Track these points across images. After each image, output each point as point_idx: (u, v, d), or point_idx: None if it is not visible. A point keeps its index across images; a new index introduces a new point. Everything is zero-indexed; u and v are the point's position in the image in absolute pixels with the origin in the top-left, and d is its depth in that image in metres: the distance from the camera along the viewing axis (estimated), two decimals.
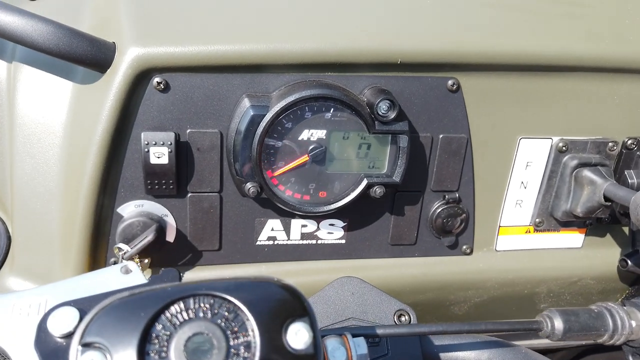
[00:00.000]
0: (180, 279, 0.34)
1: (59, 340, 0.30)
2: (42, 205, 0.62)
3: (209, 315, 0.27)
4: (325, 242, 0.68)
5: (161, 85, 0.57)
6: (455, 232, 0.71)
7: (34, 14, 0.53)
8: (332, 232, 0.68)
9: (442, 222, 0.69)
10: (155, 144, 0.57)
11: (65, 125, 0.60)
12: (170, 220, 0.63)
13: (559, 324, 0.46)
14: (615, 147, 0.70)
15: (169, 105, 0.58)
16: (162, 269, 0.36)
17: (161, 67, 0.56)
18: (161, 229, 0.61)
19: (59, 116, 0.60)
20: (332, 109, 0.59)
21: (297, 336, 0.27)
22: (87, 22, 0.62)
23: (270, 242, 0.67)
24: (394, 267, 0.71)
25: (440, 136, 0.65)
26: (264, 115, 0.57)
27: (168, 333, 0.26)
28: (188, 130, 0.59)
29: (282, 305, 0.28)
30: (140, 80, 0.56)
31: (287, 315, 0.27)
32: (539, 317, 0.48)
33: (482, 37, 0.63)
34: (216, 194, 0.63)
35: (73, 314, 0.31)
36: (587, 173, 0.67)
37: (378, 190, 0.62)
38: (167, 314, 0.27)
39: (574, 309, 0.50)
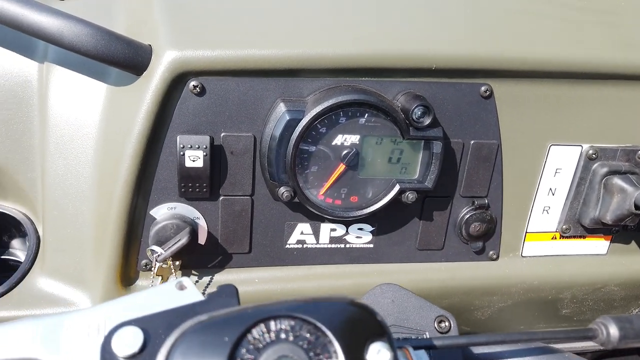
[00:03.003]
0: (237, 294, 0.34)
1: None
2: (74, 207, 0.62)
3: (291, 337, 0.27)
4: (354, 246, 0.68)
5: (197, 88, 0.57)
6: (482, 237, 0.71)
7: (72, 16, 0.53)
8: (360, 237, 0.68)
9: (470, 227, 0.69)
10: (190, 147, 0.57)
11: (99, 126, 0.60)
12: (202, 222, 0.63)
13: (614, 331, 0.47)
14: None
15: (204, 109, 0.58)
16: (219, 285, 0.35)
17: (197, 70, 0.56)
18: (193, 231, 0.61)
19: (92, 117, 0.61)
20: (366, 114, 0.59)
21: (379, 356, 0.27)
22: (119, 24, 0.62)
23: (300, 246, 0.67)
24: (421, 272, 0.71)
25: (472, 142, 0.65)
26: (300, 120, 0.57)
27: (252, 357, 0.26)
28: (222, 134, 0.59)
29: (362, 326, 0.28)
30: (176, 83, 0.56)
31: (367, 335, 0.27)
32: (593, 325, 0.48)
33: (516, 44, 0.63)
34: (248, 197, 0.63)
35: (137, 333, 0.31)
36: (617, 181, 0.67)
37: (410, 196, 0.62)
38: (250, 337, 0.27)
39: (627, 316, 0.50)
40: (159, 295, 0.34)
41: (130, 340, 0.31)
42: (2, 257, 0.74)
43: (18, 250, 0.75)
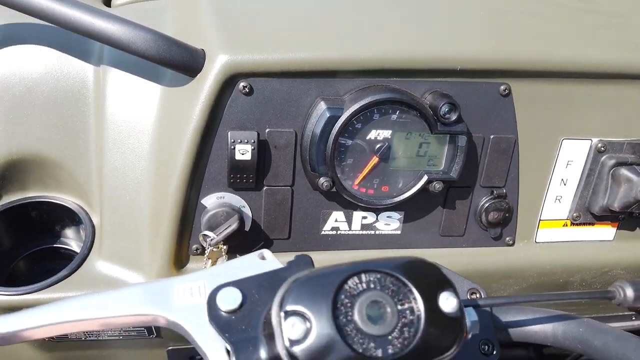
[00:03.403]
0: (312, 262, 0.40)
1: (226, 315, 0.37)
2: (131, 197, 0.68)
3: (379, 287, 0.33)
4: (383, 232, 0.74)
5: (246, 89, 0.63)
6: (500, 224, 0.77)
7: (139, 25, 0.60)
8: (389, 224, 0.74)
9: (489, 215, 0.75)
10: (240, 142, 0.63)
11: (154, 123, 0.66)
12: (247, 210, 0.69)
13: (630, 292, 0.53)
14: None
15: (251, 107, 0.64)
16: (295, 255, 0.42)
17: (246, 72, 0.62)
18: (241, 218, 0.67)
19: (148, 115, 0.67)
20: (397, 111, 0.65)
21: (447, 302, 0.33)
22: (168, 30, 0.68)
23: (334, 232, 0.73)
24: (443, 257, 0.77)
25: (491, 136, 0.71)
26: (339, 117, 0.63)
27: (350, 301, 0.33)
28: (267, 130, 0.65)
29: (433, 278, 0.34)
30: (227, 84, 0.62)
31: (437, 285, 0.34)
32: (611, 287, 0.54)
33: (532, 46, 0.69)
34: (288, 187, 0.69)
35: (235, 293, 0.37)
36: (624, 171, 0.73)
37: (437, 186, 0.68)
38: (346, 287, 0.33)
39: None
40: (245, 264, 0.41)
41: (230, 299, 0.37)
42: (55, 245, 0.80)
43: (69, 239, 0.81)
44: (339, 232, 0.73)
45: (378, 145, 0.66)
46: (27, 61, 0.70)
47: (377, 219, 0.73)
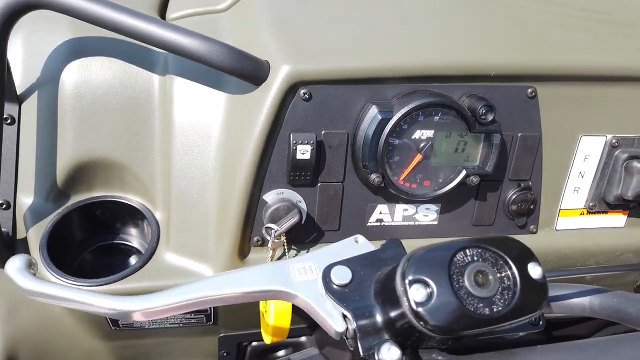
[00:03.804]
0: (402, 244, 0.48)
1: (339, 288, 0.44)
2: (198, 194, 0.75)
3: (481, 259, 0.41)
4: (421, 223, 0.82)
5: (306, 95, 0.70)
6: (525, 214, 0.85)
7: (212, 39, 0.66)
8: (427, 215, 0.82)
9: (516, 205, 0.83)
10: (301, 143, 0.70)
11: (221, 127, 0.73)
12: (303, 205, 0.76)
13: None
14: None
15: (310, 111, 0.71)
16: (386, 239, 0.49)
17: (307, 81, 0.69)
18: (300, 212, 0.74)
19: (214, 120, 0.74)
20: (440, 113, 0.72)
21: (535, 270, 0.41)
22: (228, 42, 0.74)
23: (378, 223, 0.80)
24: None
25: (519, 134, 0.79)
26: (389, 119, 0.70)
27: (459, 271, 0.40)
28: (323, 131, 0.72)
29: (522, 251, 0.42)
30: (290, 91, 0.69)
31: (526, 257, 0.41)
32: None
33: (556, 53, 0.77)
34: (339, 183, 0.76)
35: (346, 270, 0.45)
36: (636, 164, 0.82)
37: (474, 179, 0.76)
38: (455, 259, 0.41)
39: None
40: (344, 247, 0.48)
41: (342, 275, 0.44)
42: (115, 241, 0.87)
43: (129, 236, 0.87)
44: (382, 223, 0.81)
45: (422, 144, 0.74)
46: (98, 72, 0.76)
47: (416, 210, 0.81)
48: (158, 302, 0.44)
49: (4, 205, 0.77)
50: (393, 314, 0.41)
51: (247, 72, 0.68)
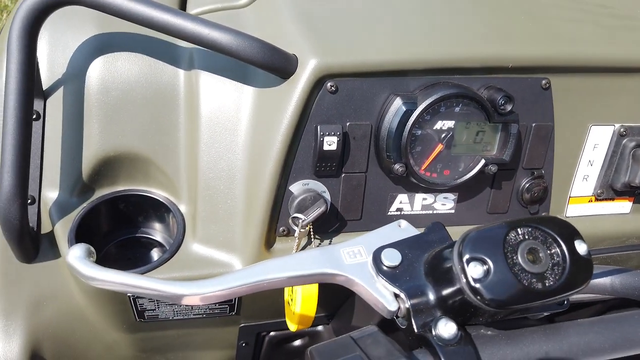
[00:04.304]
0: (445, 228, 0.50)
1: (390, 270, 0.46)
2: (225, 186, 0.77)
3: (532, 237, 0.43)
4: (439, 212, 0.85)
5: (332, 88, 0.72)
6: (537, 202, 0.88)
7: (244, 33, 0.68)
8: (445, 204, 0.84)
9: (529, 194, 0.86)
10: (327, 134, 0.72)
11: (248, 120, 0.75)
12: (327, 195, 0.78)
13: None
14: None
15: (336, 104, 0.73)
16: (431, 223, 0.51)
17: (333, 74, 0.71)
18: (326, 202, 0.76)
19: (242, 113, 0.75)
20: (460, 104, 0.75)
21: (581, 247, 0.43)
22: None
23: (398, 212, 0.83)
24: None
25: (533, 124, 0.82)
26: (413, 110, 0.72)
27: (512, 249, 0.42)
28: (348, 123, 0.74)
29: (569, 229, 0.44)
30: (317, 84, 0.71)
31: (572, 235, 0.44)
32: None
33: (568, 46, 0.80)
34: (363, 174, 0.78)
35: (395, 253, 0.47)
36: None
37: (493, 169, 0.79)
38: (508, 238, 0.43)
39: None
40: (389, 231, 0.50)
41: (392, 257, 0.47)
42: (137, 235, 0.88)
43: (151, 229, 0.88)
44: (402, 212, 0.83)
45: (443, 134, 0.76)
46: (124, 67, 0.77)
47: (435, 199, 0.83)
48: (214, 287, 0.45)
49: (29, 200, 0.78)
50: (446, 291, 0.43)
51: (278, 65, 0.69)
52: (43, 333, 0.81)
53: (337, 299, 0.90)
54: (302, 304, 0.73)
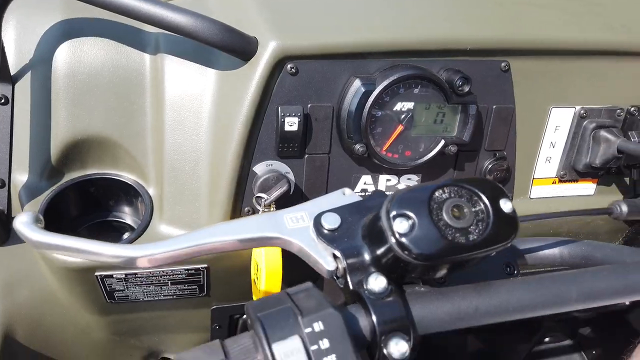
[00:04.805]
0: (386, 195, 0.52)
1: (329, 232, 0.48)
2: (190, 168, 0.78)
3: (457, 195, 0.45)
4: None
5: (292, 70, 0.73)
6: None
7: (206, 16, 0.70)
8: (408, 185, 0.86)
9: (492, 175, 0.88)
10: (288, 115, 0.74)
11: (212, 102, 0.76)
12: (291, 176, 0.80)
13: (625, 208, 0.66)
14: (622, 113, 0.90)
15: (297, 85, 0.74)
16: (373, 190, 0.53)
17: (293, 56, 0.73)
18: (289, 181, 0.77)
19: (205, 95, 0.77)
20: (419, 86, 0.77)
21: (505, 205, 0.45)
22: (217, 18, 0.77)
23: (363, 193, 0.84)
24: None
25: (494, 106, 0.83)
26: (372, 91, 0.74)
27: (438, 206, 0.44)
28: (309, 105, 0.76)
29: (494, 189, 0.46)
30: (277, 66, 0.73)
31: (498, 193, 0.46)
32: (610, 205, 0.66)
33: (528, 29, 0.82)
34: (326, 155, 0.80)
35: (335, 216, 0.49)
36: (603, 133, 0.87)
37: (452, 149, 0.80)
38: (435, 196, 0.45)
39: (635, 199, 0.69)
40: (333, 198, 0.52)
41: (332, 220, 0.48)
42: (108, 218, 0.90)
43: (122, 213, 0.90)
44: (367, 193, 0.85)
45: (402, 116, 0.78)
46: (90, 52, 0.79)
47: (399, 180, 0.85)
48: (161, 248, 0.47)
49: None
50: (379, 250, 0.45)
51: (238, 47, 0.71)
52: (16, 315, 0.82)
53: (304, 276, 0.91)
54: (266, 281, 0.75)
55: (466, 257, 0.43)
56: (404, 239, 0.42)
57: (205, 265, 0.80)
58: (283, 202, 0.80)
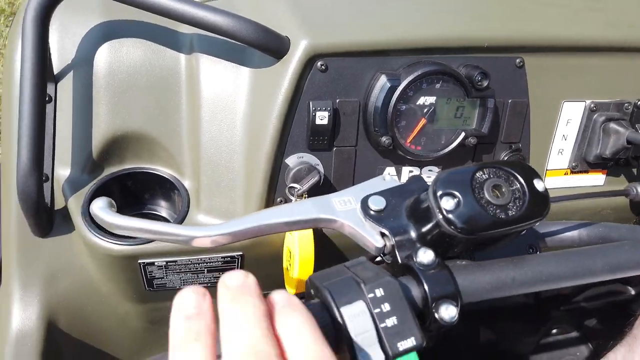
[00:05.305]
0: (423, 180, 0.57)
1: (376, 213, 0.53)
2: (226, 161, 0.83)
3: (495, 176, 0.50)
4: None
5: (322, 67, 0.78)
6: None
7: (242, 17, 0.74)
8: (430, 176, 0.91)
9: None
10: (319, 110, 0.79)
11: (246, 98, 0.81)
12: (320, 168, 0.84)
13: None
14: (629, 107, 0.95)
15: (326, 82, 0.79)
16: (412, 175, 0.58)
17: (323, 54, 0.77)
18: (319, 173, 0.82)
19: (239, 92, 0.81)
20: (441, 81, 0.81)
21: (539, 184, 0.50)
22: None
23: None
24: None
25: (509, 101, 0.88)
26: (397, 87, 0.79)
27: (480, 185, 0.49)
28: (337, 100, 0.81)
29: (528, 170, 0.51)
30: (308, 64, 0.77)
31: (531, 174, 0.50)
32: (626, 187, 0.71)
33: (541, 27, 0.87)
34: (352, 147, 0.84)
35: (380, 199, 0.53)
36: (612, 125, 0.92)
37: (472, 141, 0.85)
38: (476, 176, 0.49)
39: None
40: (376, 182, 0.57)
41: (378, 202, 0.53)
42: (144, 211, 0.94)
43: (157, 206, 0.94)
44: None
45: (425, 109, 0.83)
46: (128, 52, 0.83)
47: (420, 172, 0.90)
48: (225, 229, 0.52)
49: (44, 178, 0.84)
50: (425, 228, 0.50)
51: (272, 46, 0.76)
52: (58, 304, 0.86)
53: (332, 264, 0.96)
54: (299, 268, 0.79)
55: (506, 231, 0.48)
56: (450, 215, 0.47)
57: (240, 253, 0.85)
58: (312, 192, 0.84)
